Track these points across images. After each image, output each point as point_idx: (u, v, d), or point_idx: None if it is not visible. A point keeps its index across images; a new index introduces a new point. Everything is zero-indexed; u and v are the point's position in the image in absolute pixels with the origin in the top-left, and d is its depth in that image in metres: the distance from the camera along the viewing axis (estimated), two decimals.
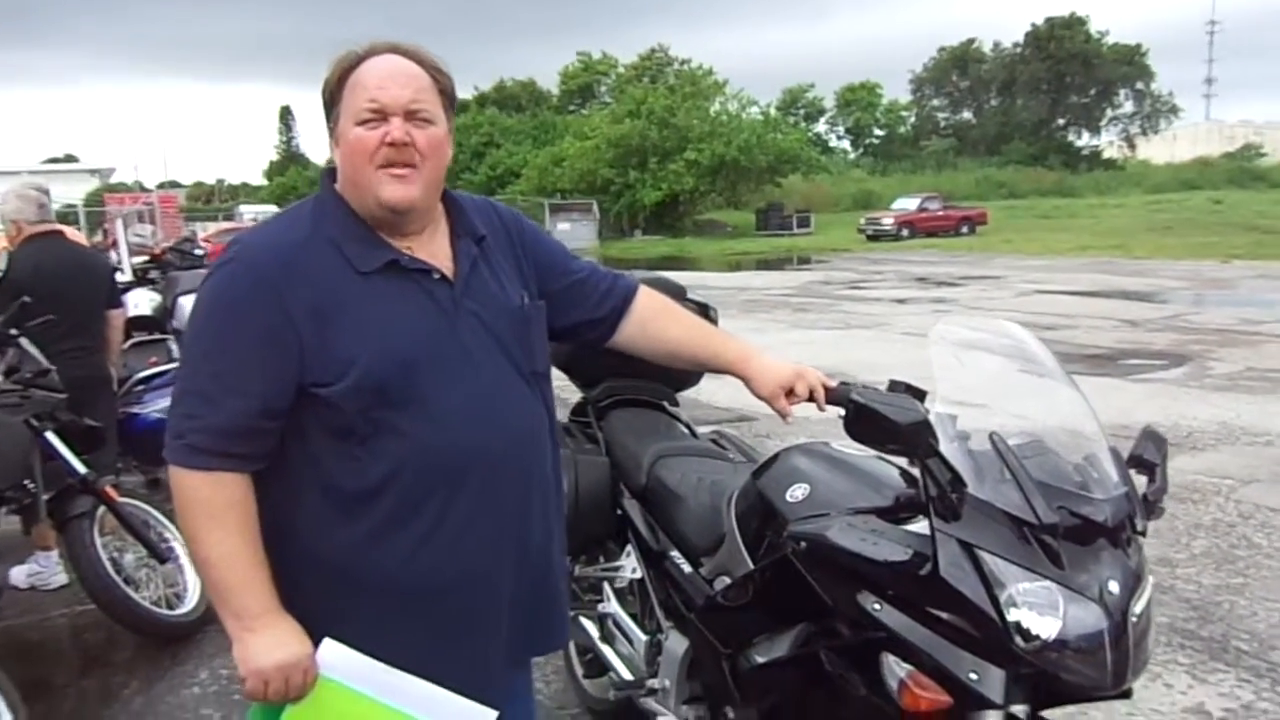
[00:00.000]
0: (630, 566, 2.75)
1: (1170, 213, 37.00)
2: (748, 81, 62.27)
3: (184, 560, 3.98)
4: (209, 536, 1.51)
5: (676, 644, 2.48)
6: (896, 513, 1.95)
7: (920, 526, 1.87)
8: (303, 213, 1.66)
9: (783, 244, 32.95)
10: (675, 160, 37.95)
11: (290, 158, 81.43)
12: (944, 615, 1.75)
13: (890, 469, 2.12)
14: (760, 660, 2.10)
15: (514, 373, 1.69)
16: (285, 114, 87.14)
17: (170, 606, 3.82)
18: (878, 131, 70.85)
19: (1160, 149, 71.53)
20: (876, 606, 1.81)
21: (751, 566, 2.20)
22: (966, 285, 17.82)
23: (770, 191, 41.86)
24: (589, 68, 59.58)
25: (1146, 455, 1.93)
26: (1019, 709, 1.77)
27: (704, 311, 3.04)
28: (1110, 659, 1.70)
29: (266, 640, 1.50)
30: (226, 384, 1.52)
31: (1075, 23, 66.38)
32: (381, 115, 1.56)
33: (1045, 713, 1.82)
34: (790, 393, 1.90)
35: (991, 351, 2.06)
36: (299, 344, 1.53)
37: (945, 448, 1.74)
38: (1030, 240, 28.72)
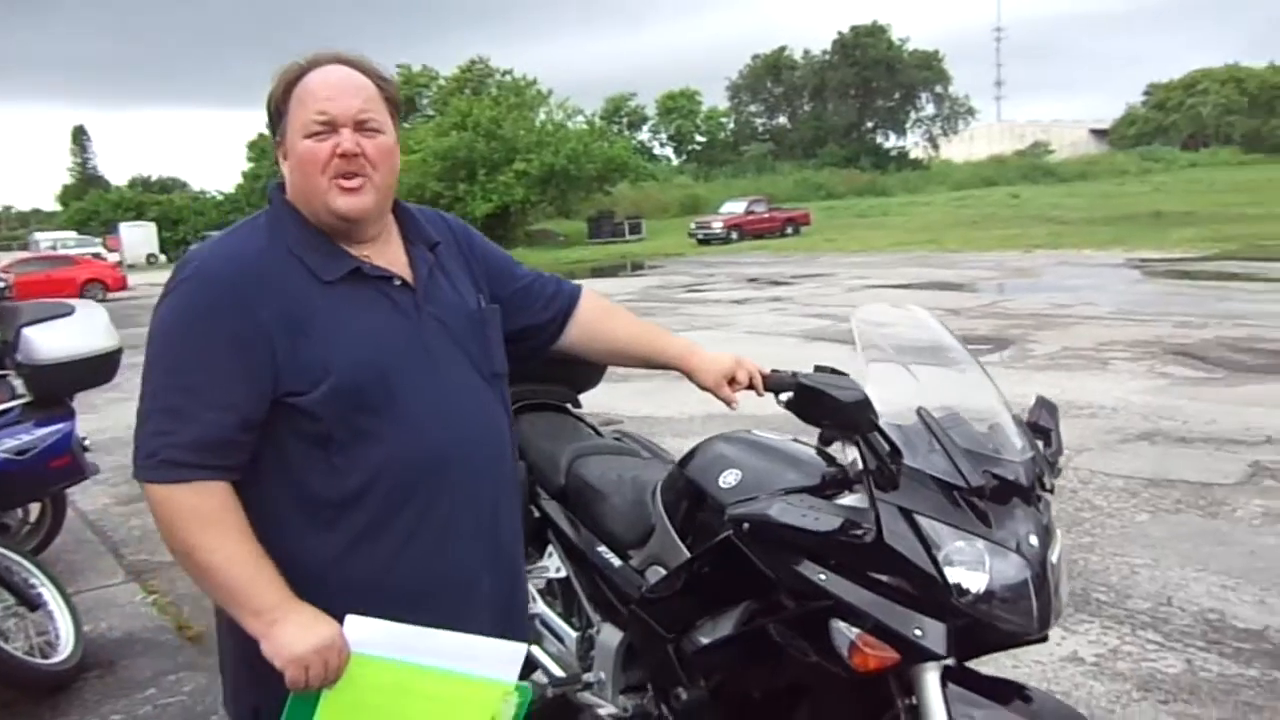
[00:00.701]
0: (554, 566, 2.79)
1: (974, 208, 39.55)
2: (569, 91, 62.86)
3: (54, 606, 3.75)
4: (208, 542, 1.49)
5: (610, 636, 2.54)
6: (824, 490, 2.08)
7: (849, 500, 2.00)
8: (257, 225, 1.65)
9: (616, 251, 33.35)
10: (504, 172, 37.83)
11: (87, 180, 76.62)
12: (886, 578, 1.88)
13: (809, 451, 2.25)
14: (705, 641, 2.18)
15: (476, 375, 1.73)
16: (79, 134, 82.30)
17: (44, 655, 3.59)
18: (699, 138, 72.64)
19: (960, 148, 76.27)
20: (822, 576, 1.93)
21: (686, 553, 2.29)
22: (799, 284, 18.53)
23: (600, 200, 42.28)
24: (409, 80, 58.58)
25: (1042, 421, 2.13)
26: (949, 660, 1.93)
27: None
28: (1035, 606, 1.86)
29: (295, 628, 1.49)
30: (200, 398, 1.50)
31: (877, 30, 70.14)
32: (331, 127, 1.57)
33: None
34: (733, 381, 1.99)
35: (903, 334, 2.21)
36: (272, 352, 1.52)
37: (883, 422, 1.88)
38: (851, 238, 30.13)
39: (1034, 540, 1.90)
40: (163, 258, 51.29)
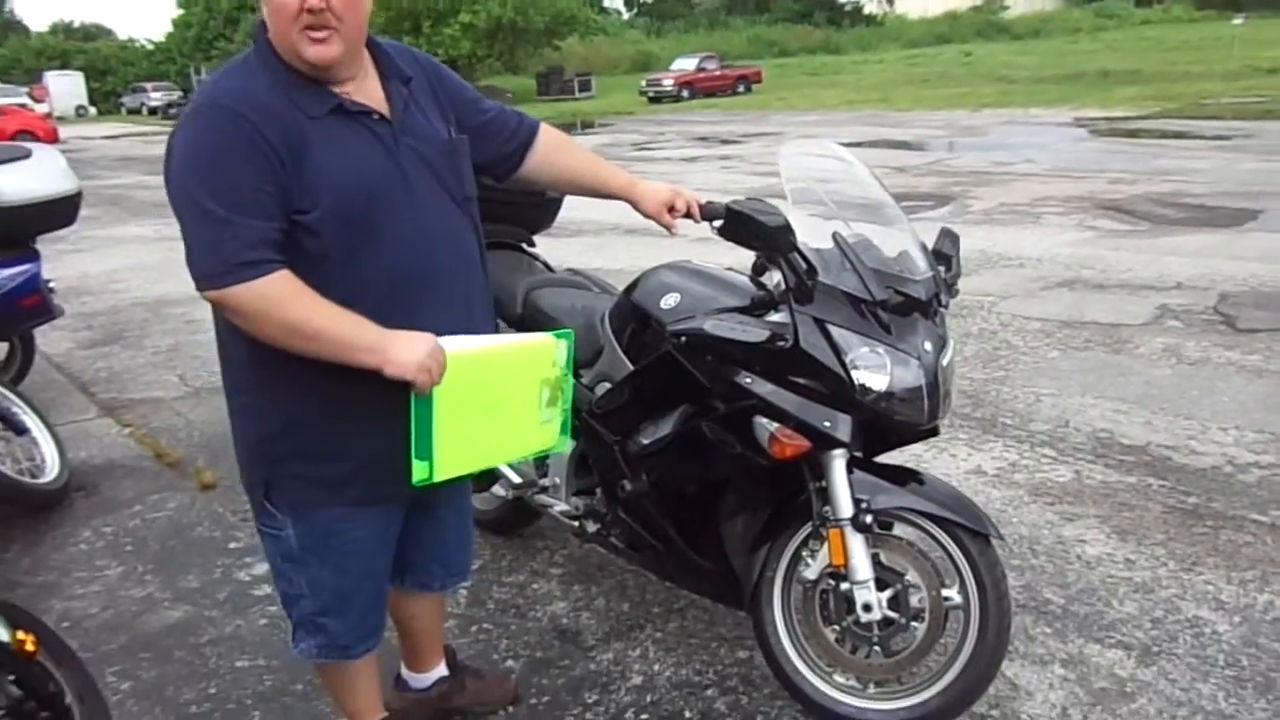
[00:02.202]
0: None
1: (925, 66, 39.22)
2: None
3: (38, 433, 3.99)
4: (306, 313, 1.69)
5: (563, 445, 2.85)
6: (752, 309, 2.36)
7: (774, 318, 2.29)
8: (250, 64, 1.79)
9: (566, 108, 32.77)
10: (450, 24, 36.67)
11: (5, 26, 72.60)
12: (801, 380, 2.19)
13: (740, 278, 2.52)
14: (646, 442, 2.50)
15: (449, 199, 1.92)
16: None
17: (33, 477, 3.84)
18: None
19: (915, 4, 74.76)
20: (748, 380, 2.23)
21: (631, 368, 2.59)
22: (749, 142, 18.56)
23: (549, 55, 41.23)
24: None
25: (944, 249, 2.42)
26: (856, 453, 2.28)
27: None
28: (926, 404, 2.19)
29: (405, 345, 1.71)
30: (246, 210, 1.67)
31: None
32: None
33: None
34: (672, 209, 2.24)
35: (824, 167, 2.47)
36: (284, 171, 1.69)
37: (801, 245, 2.15)
38: (802, 97, 29.90)
39: (929, 347, 2.22)
40: (92, 110, 49.38)
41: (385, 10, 37.04)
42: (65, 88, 47.58)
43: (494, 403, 1.91)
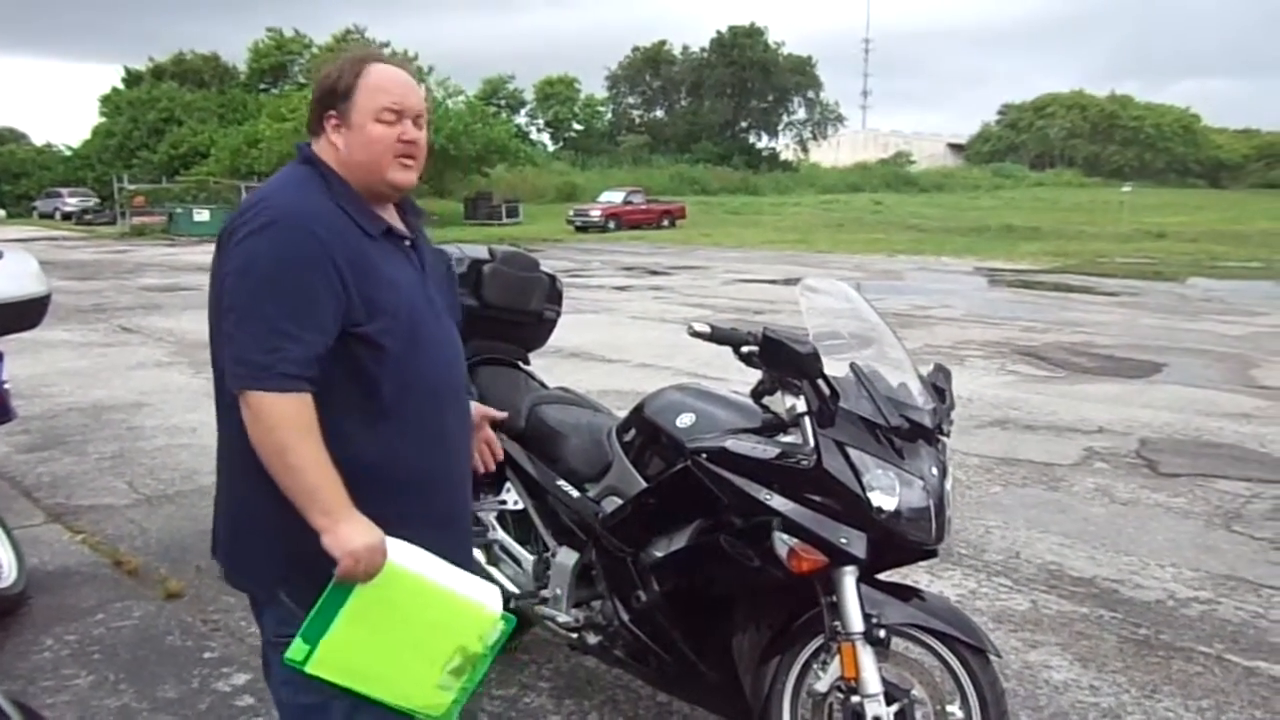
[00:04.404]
0: (512, 500, 3.15)
1: (840, 211, 41.20)
2: (446, 70, 61.74)
3: None
4: (300, 447, 1.78)
5: (566, 558, 2.92)
6: (764, 431, 2.52)
7: (786, 439, 2.45)
8: (307, 181, 1.95)
9: (494, 233, 33.26)
10: None
11: None
12: (819, 498, 2.33)
13: (745, 400, 2.68)
14: (659, 554, 2.60)
15: (451, 324, 2.13)
16: None
17: None
18: (576, 125, 72.72)
19: (827, 154, 78.87)
20: (768, 496, 2.37)
21: (643, 483, 2.70)
22: (677, 274, 19.12)
23: (477, 181, 42.06)
24: (281, 46, 56.85)
25: (938, 383, 2.63)
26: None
27: (552, 283, 3.50)
28: (934, 525, 2.36)
29: (353, 528, 1.79)
30: (304, 322, 1.80)
31: (755, 32, 71.67)
32: (399, 116, 1.95)
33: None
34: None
35: (835, 302, 2.68)
36: (344, 288, 1.84)
37: (827, 371, 2.33)
38: (725, 234, 31.05)
39: (934, 472, 2.40)
40: (2, 212, 48.28)
41: None
42: None
43: (403, 635, 1.85)
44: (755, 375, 2.50)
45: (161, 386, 7.93)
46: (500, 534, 3.19)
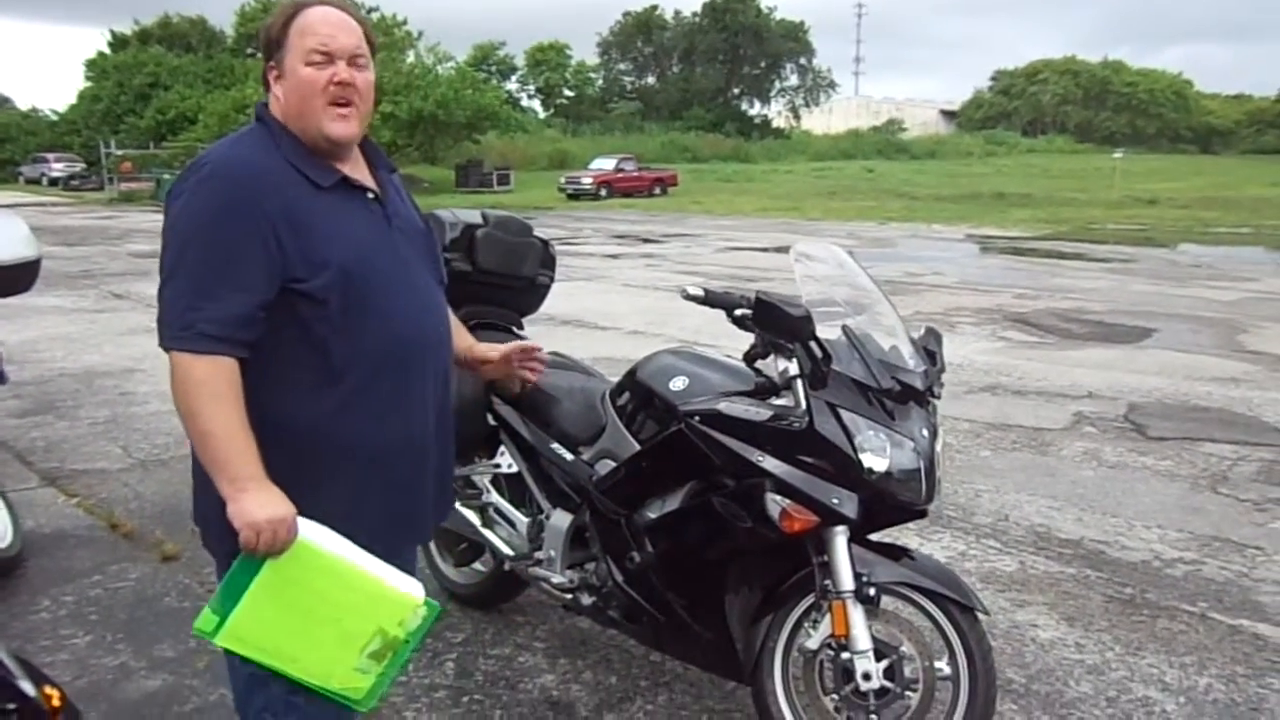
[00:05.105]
0: (506, 463, 3.17)
1: (833, 179, 41.08)
2: (437, 36, 61.28)
3: None
4: (213, 412, 1.73)
5: (560, 520, 2.95)
6: (756, 394, 2.54)
7: (779, 401, 2.48)
8: (257, 137, 1.89)
9: (485, 200, 33.13)
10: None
11: None
12: (811, 459, 2.36)
13: (738, 363, 2.70)
14: (653, 516, 2.63)
15: (432, 282, 2.05)
16: None
17: None
18: (567, 92, 72.24)
19: (819, 120, 78.53)
20: (760, 458, 2.39)
21: (637, 446, 2.73)
22: (669, 242, 19.08)
23: (468, 148, 41.81)
24: (268, 9, 55.94)
25: (929, 346, 2.65)
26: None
27: (545, 248, 3.50)
28: (924, 484, 2.39)
29: (260, 499, 1.73)
30: (227, 279, 1.74)
31: None
32: (329, 58, 1.84)
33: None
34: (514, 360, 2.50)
35: (829, 267, 2.69)
36: (280, 244, 1.77)
37: (820, 334, 2.35)
38: (717, 202, 30.94)
39: (924, 433, 2.43)
40: None
41: None
42: None
43: (319, 614, 1.80)
44: (746, 341, 2.52)
45: (153, 352, 7.81)
46: (495, 497, 3.22)
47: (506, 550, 3.12)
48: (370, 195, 1.94)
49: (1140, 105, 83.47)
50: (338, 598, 1.81)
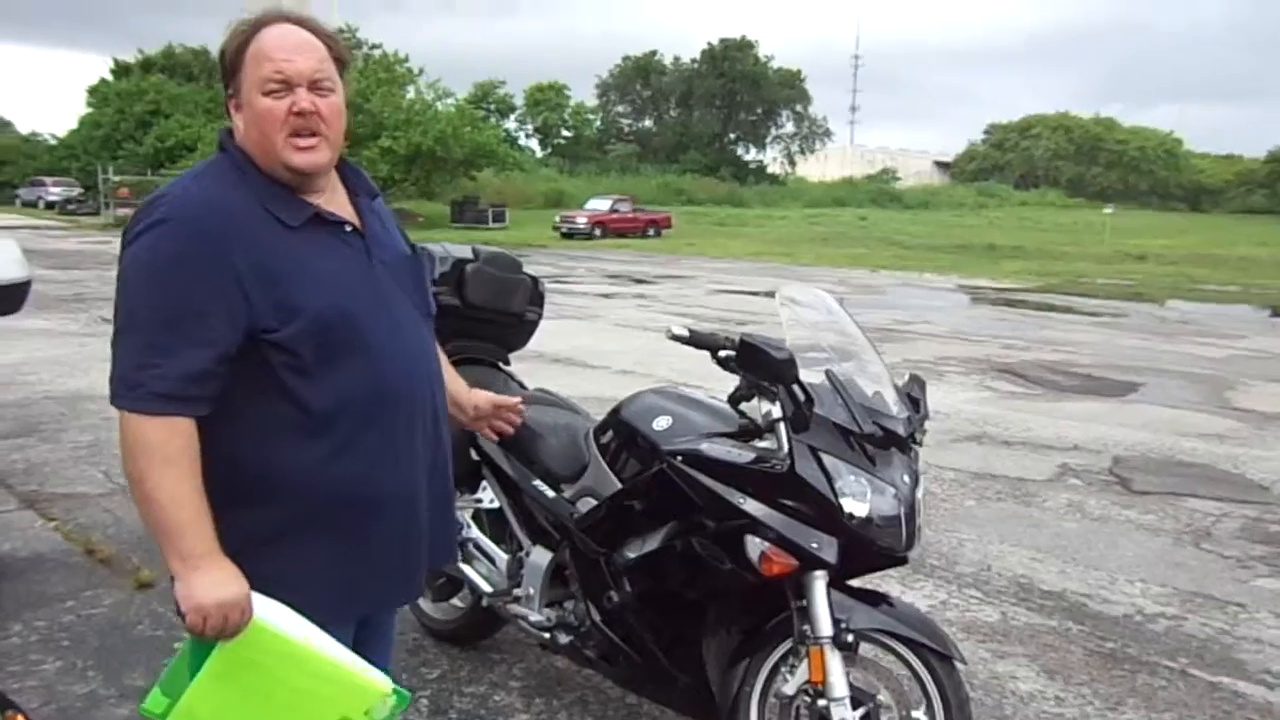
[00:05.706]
0: (488, 499, 3.16)
1: (826, 226, 41.35)
2: (437, 73, 61.78)
3: None
4: (162, 479, 1.59)
5: (540, 557, 2.94)
6: (739, 436, 2.55)
7: (761, 444, 2.48)
8: (221, 170, 1.74)
9: (479, 237, 33.13)
10: (369, 147, 37.11)
11: None
12: (792, 503, 2.35)
13: (722, 404, 2.70)
14: (632, 556, 2.61)
15: (418, 316, 1.90)
16: None
17: None
18: (565, 132, 72.78)
19: (814, 168, 79.22)
20: (741, 500, 2.39)
21: (618, 484, 2.72)
22: (662, 283, 19.16)
23: (464, 185, 42.00)
24: None
25: (913, 392, 2.66)
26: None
27: (535, 285, 3.51)
28: (904, 531, 2.38)
29: (210, 579, 1.59)
30: (182, 333, 1.60)
31: (746, 45, 72.06)
32: (287, 86, 1.68)
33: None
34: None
35: (815, 312, 2.71)
36: (245, 294, 1.63)
37: (803, 378, 2.36)
38: (711, 245, 31.10)
39: (906, 480, 2.43)
40: None
41: None
42: None
43: (277, 699, 1.68)
44: (735, 382, 2.53)
45: None
46: (475, 532, 3.20)
47: (485, 586, 3.09)
48: (349, 229, 1.80)
49: (1131, 162, 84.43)
50: (297, 683, 1.69)
